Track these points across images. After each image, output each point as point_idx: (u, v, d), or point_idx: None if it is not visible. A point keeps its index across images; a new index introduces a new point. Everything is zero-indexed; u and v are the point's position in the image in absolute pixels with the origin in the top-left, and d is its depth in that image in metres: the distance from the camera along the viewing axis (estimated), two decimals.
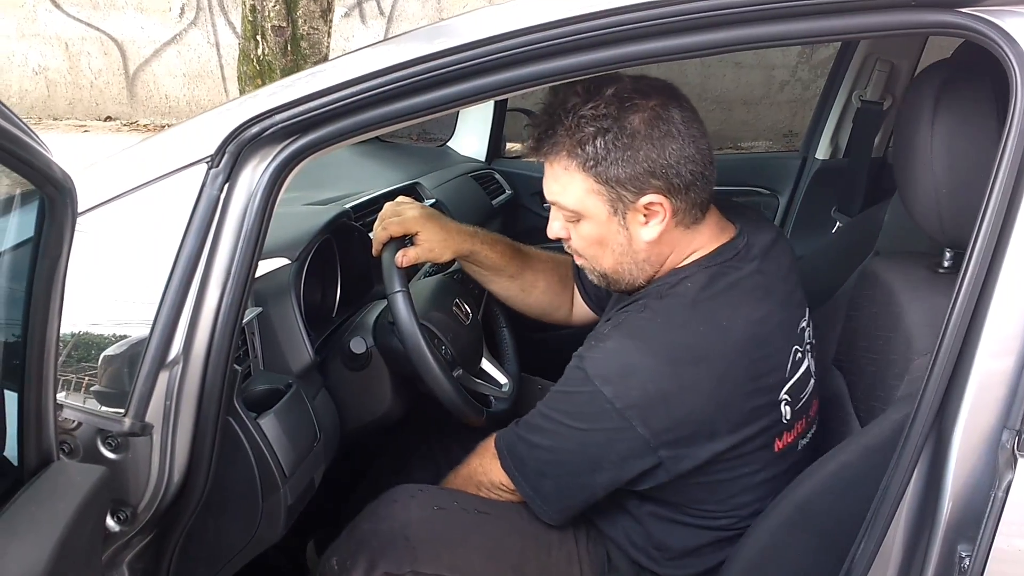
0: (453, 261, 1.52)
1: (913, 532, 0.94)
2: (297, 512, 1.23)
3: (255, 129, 1.01)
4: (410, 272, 1.41)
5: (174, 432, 1.05)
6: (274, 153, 1.03)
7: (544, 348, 2.07)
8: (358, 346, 1.30)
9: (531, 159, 1.18)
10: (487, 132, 2.45)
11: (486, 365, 1.47)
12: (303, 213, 1.43)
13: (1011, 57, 0.87)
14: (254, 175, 1.03)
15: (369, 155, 2.24)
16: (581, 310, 1.52)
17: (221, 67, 5.93)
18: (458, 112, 2.50)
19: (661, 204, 1.11)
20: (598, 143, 1.09)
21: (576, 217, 1.15)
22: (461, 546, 1.26)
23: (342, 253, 1.49)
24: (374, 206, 1.70)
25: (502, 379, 1.47)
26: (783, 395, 1.14)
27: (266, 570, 1.62)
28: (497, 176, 2.40)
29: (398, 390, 1.38)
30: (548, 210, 2.46)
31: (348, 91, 1.01)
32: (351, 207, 1.56)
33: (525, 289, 1.51)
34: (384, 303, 1.39)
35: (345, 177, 1.91)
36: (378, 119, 1.03)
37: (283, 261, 1.29)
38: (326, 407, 1.31)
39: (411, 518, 1.27)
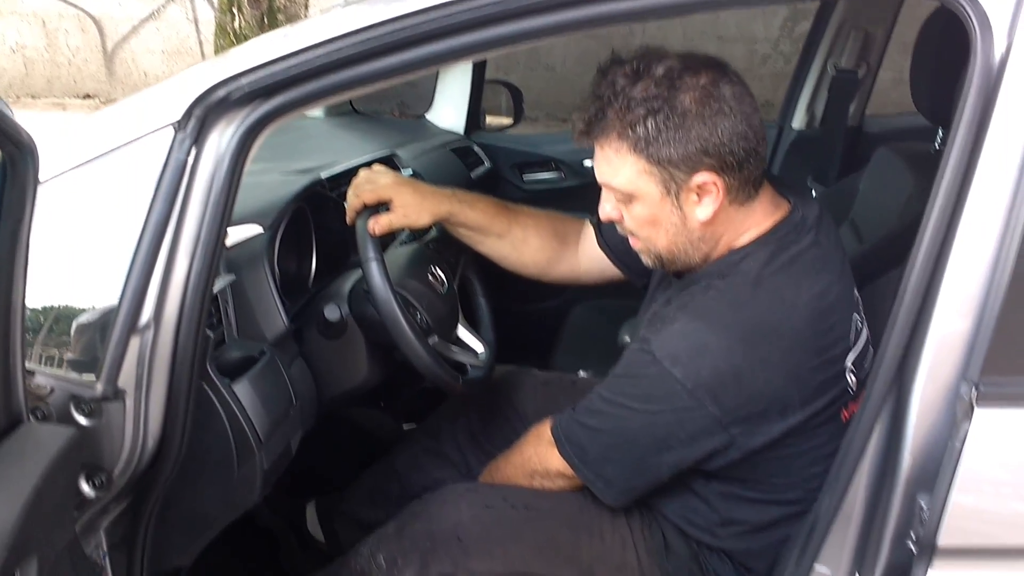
0: (429, 229, 1.53)
1: (875, 486, 0.97)
2: (274, 477, 1.24)
3: (222, 92, 1.00)
4: (385, 241, 1.41)
5: (147, 397, 1.05)
6: (241, 117, 1.02)
7: (524, 322, 2.09)
8: (332, 313, 1.30)
9: (581, 144, 1.16)
10: (465, 104, 2.44)
11: (462, 333, 1.48)
12: (277, 182, 1.43)
13: (971, 15, 0.88)
14: (221, 139, 1.02)
15: (346, 127, 2.23)
16: (593, 266, 1.51)
17: (200, 43, 5.86)
18: (436, 84, 2.49)
19: (715, 183, 1.09)
20: (649, 124, 1.07)
21: (628, 199, 1.14)
22: (513, 542, 1.27)
23: (317, 223, 1.48)
24: (349, 176, 1.70)
25: (478, 347, 1.48)
26: (848, 364, 1.14)
27: (259, 532, 1.64)
28: (476, 148, 2.39)
29: (374, 359, 1.39)
30: (528, 182, 2.49)
31: (313, 54, 1.01)
32: (326, 177, 1.55)
33: (516, 247, 1.49)
34: (360, 272, 1.39)
35: (321, 148, 1.91)
36: (344, 82, 1.03)
37: (256, 229, 1.29)
38: (302, 375, 1.32)
39: (462, 518, 1.29)
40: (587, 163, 2.43)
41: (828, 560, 1.02)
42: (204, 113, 1.01)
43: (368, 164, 1.72)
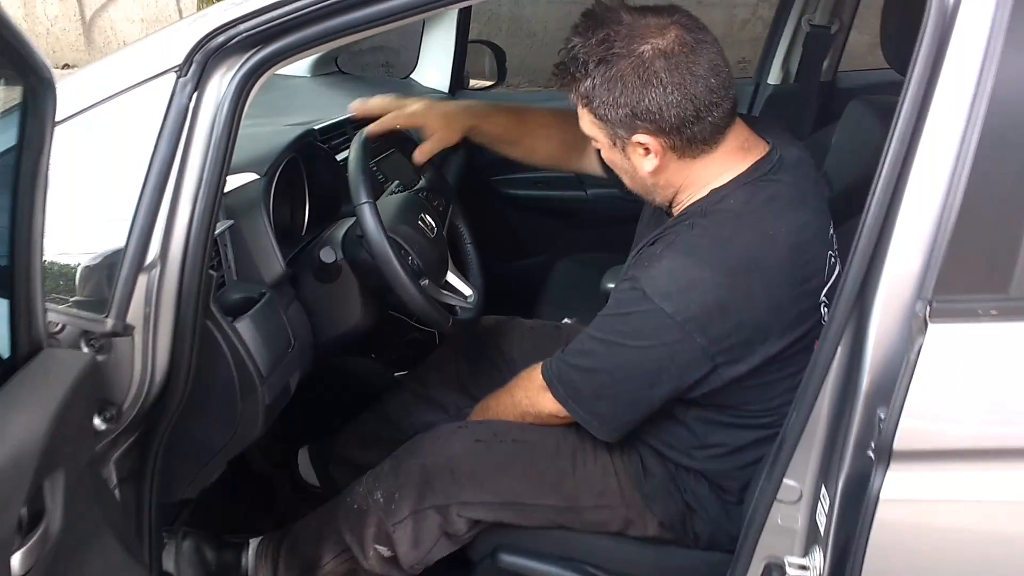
0: (419, 179, 1.60)
1: (838, 402, 1.04)
2: (275, 413, 1.30)
3: (221, 38, 1.05)
4: (377, 190, 1.46)
5: (155, 333, 1.11)
6: (240, 62, 1.07)
7: (509, 278, 2.16)
8: (328, 255, 1.36)
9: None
10: (449, 64, 2.48)
11: (451, 278, 1.54)
12: (270, 132, 1.48)
13: None
14: (221, 84, 1.07)
15: (333, 86, 2.27)
16: (597, 168, 1.57)
17: (179, 11, 5.81)
18: (420, 45, 2.53)
19: (652, 142, 1.16)
20: (588, 84, 1.14)
21: (593, 141, 1.24)
22: (502, 473, 1.35)
23: (309, 174, 1.54)
24: (339, 130, 1.75)
25: (467, 291, 1.54)
26: (822, 297, 1.21)
27: (254, 479, 1.70)
28: None
29: (367, 303, 1.45)
30: None
31: (309, 0, 1.06)
32: (318, 128, 1.60)
33: (531, 150, 1.61)
34: (352, 220, 1.45)
35: (310, 106, 1.95)
36: (339, 28, 1.08)
37: (252, 176, 1.34)
38: (299, 317, 1.38)
39: (454, 453, 1.36)
40: None
41: (795, 474, 1.09)
42: (204, 59, 1.06)
43: (356, 120, 1.77)
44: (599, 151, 1.40)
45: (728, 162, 1.21)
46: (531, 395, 1.37)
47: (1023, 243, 0.93)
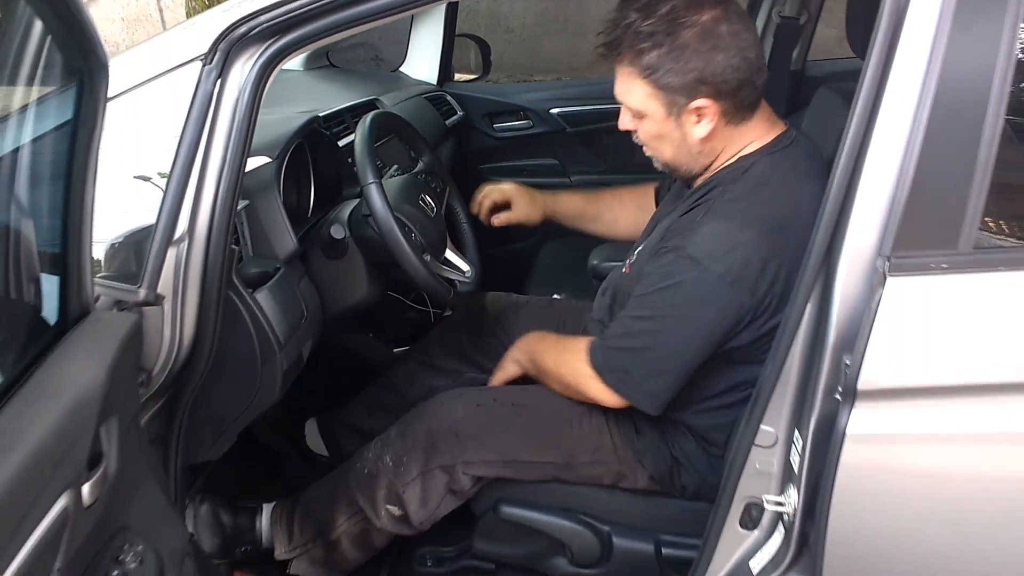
0: (417, 163, 1.71)
1: (809, 351, 1.15)
2: (291, 379, 1.39)
3: (243, 29, 1.14)
4: (380, 171, 1.55)
5: (183, 303, 1.20)
6: (260, 51, 1.17)
7: (499, 261, 2.26)
8: (338, 232, 1.45)
9: (601, 64, 1.32)
10: (438, 56, 2.58)
11: (450, 255, 1.64)
12: (278, 119, 1.57)
13: None
14: (243, 71, 1.17)
15: (326, 79, 2.35)
16: None
17: (160, 10, 5.84)
18: (409, 38, 2.62)
19: (710, 107, 1.26)
20: (654, 55, 1.23)
21: (639, 115, 1.32)
22: (503, 434, 1.44)
23: (314, 158, 1.63)
24: (339, 118, 1.85)
25: (464, 267, 1.64)
26: None
27: (261, 450, 1.79)
28: (449, 98, 2.53)
29: (373, 278, 1.54)
30: (498, 130, 2.65)
31: None
32: (322, 116, 1.69)
33: (610, 225, 1.76)
34: (355, 201, 1.54)
35: (305, 96, 2.04)
36: (350, 19, 1.18)
37: (265, 159, 1.43)
38: (310, 291, 1.47)
39: (457, 417, 1.46)
40: (553, 111, 2.59)
41: (771, 420, 1.20)
42: (228, 48, 1.15)
43: (355, 107, 1.87)
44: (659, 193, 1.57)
45: (759, 131, 1.33)
46: (579, 380, 1.39)
47: (969, 204, 1.04)
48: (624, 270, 1.47)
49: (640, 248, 1.45)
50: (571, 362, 1.40)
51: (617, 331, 1.35)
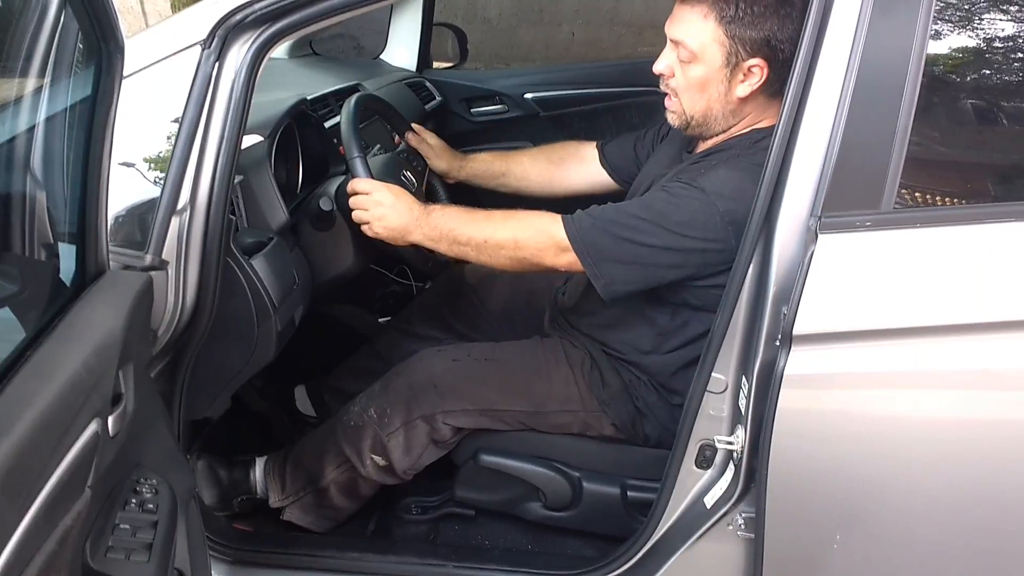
0: (400, 143, 1.83)
1: (753, 303, 1.28)
2: (284, 340, 1.50)
3: (239, 16, 1.26)
4: (364, 148, 1.67)
5: (185, 268, 1.31)
6: (255, 36, 1.28)
7: None
8: (326, 204, 1.57)
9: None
10: (416, 44, 2.69)
11: None
12: (269, 102, 1.67)
13: None
14: (239, 55, 1.28)
15: (309, 66, 2.45)
16: (590, 180, 1.81)
17: (141, 2, 5.89)
18: (389, 27, 2.73)
19: (762, 68, 1.36)
20: (740, 4, 1.33)
21: (692, 58, 1.38)
22: (478, 385, 1.56)
23: (302, 138, 1.74)
24: (324, 101, 1.96)
25: None
26: None
27: (253, 416, 1.91)
28: (428, 84, 2.64)
29: (358, 249, 1.65)
30: (475, 115, 2.76)
31: None
32: (309, 99, 1.81)
33: (520, 179, 1.84)
34: (342, 177, 1.66)
35: (290, 83, 2.13)
36: (337, 7, 1.29)
37: (258, 138, 1.54)
38: (300, 261, 1.59)
39: (435, 371, 1.57)
40: (528, 96, 2.71)
41: (721, 368, 1.34)
42: (225, 33, 1.26)
43: (339, 91, 1.99)
44: (604, 150, 1.67)
45: (773, 111, 1.41)
46: (541, 249, 1.42)
47: (889, 169, 1.17)
48: None
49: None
50: (536, 225, 1.43)
51: (607, 215, 1.40)
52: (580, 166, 1.82)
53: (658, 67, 1.45)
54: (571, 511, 1.63)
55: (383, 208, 1.49)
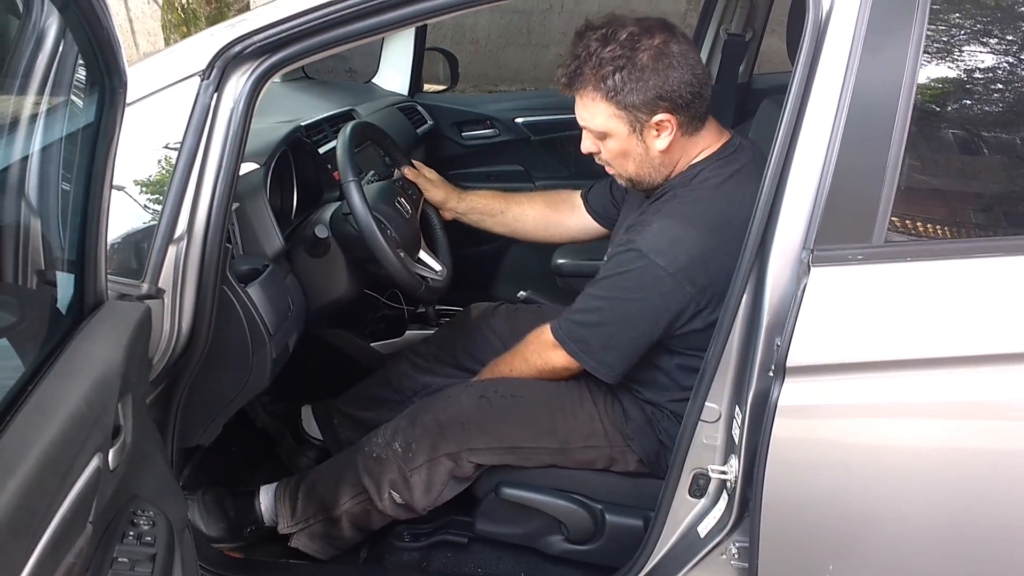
0: (393, 171, 1.84)
1: (746, 334, 1.29)
2: (279, 366, 1.51)
3: (238, 48, 1.27)
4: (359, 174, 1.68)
5: (181, 296, 1.31)
6: (253, 67, 1.29)
7: (468, 262, 2.39)
8: (321, 231, 1.57)
9: (565, 94, 1.45)
10: (408, 68, 2.71)
11: (424, 256, 1.76)
12: (264, 129, 1.68)
13: None
14: (237, 85, 1.29)
15: (302, 90, 2.47)
16: (582, 226, 1.85)
17: (130, 20, 5.89)
18: (381, 52, 2.75)
19: (669, 120, 1.40)
20: (616, 78, 1.37)
21: (603, 136, 1.44)
22: (504, 423, 1.57)
23: (297, 164, 1.75)
24: (319, 127, 1.97)
25: (437, 267, 1.77)
26: None
27: (256, 434, 1.90)
28: (419, 108, 2.66)
29: (353, 274, 1.66)
30: (466, 139, 2.78)
31: (308, 17, 1.28)
32: (304, 125, 1.82)
33: (517, 220, 1.86)
34: (336, 203, 1.66)
35: (285, 107, 2.15)
36: (333, 40, 1.31)
37: (253, 165, 1.55)
38: (295, 287, 1.59)
39: (463, 407, 1.58)
40: (518, 120, 2.73)
41: (715, 398, 1.35)
42: (224, 64, 1.27)
43: (333, 117, 2.00)
44: (588, 198, 1.74)
45: (708, 140, 1.47)
46: (543, 354, 1.57)
47: (881, 204, 1.19)
48: None
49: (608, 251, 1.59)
50: (534, 341, 1.57)
51: (579, 307, 1.51)
52: (573, 213, 1.86)
53: (584, 148, 1.51)
54: (593, 544, 1.62)
55: None
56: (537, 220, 1.86)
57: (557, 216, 1.86)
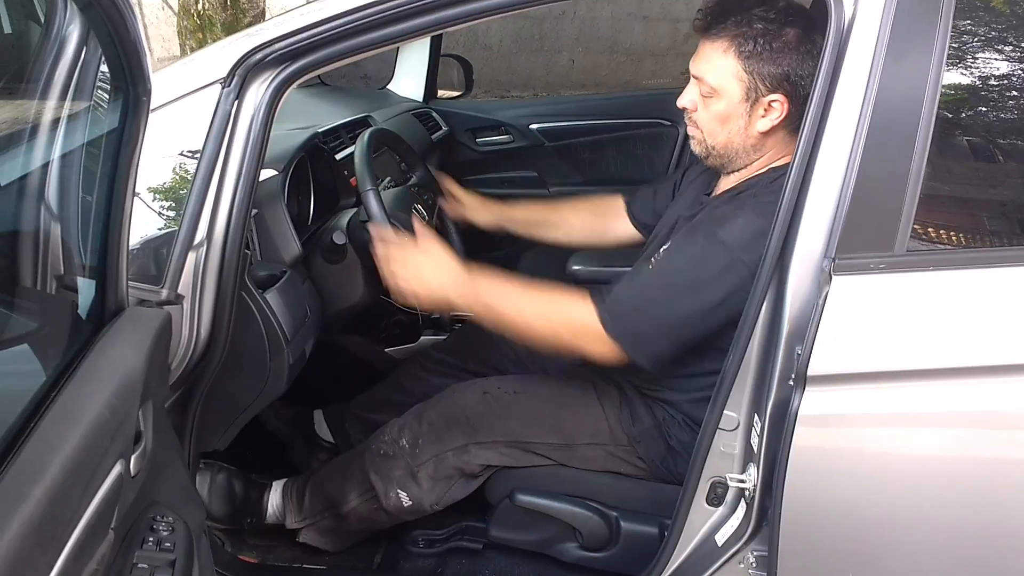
0: (411, 177, 1.84)
1: (766, 342, 1.29)
2: (296, 372, 1.51)
3: (258, 56, 1.27)
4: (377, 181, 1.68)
5: (200, 302, 1.31)
6: (273, 75, 1.30)
7: (491, 265, 2.39)
8: (339, 238, 1.58)
9: (696, 34, 1.41)
10: (423, 74, 2.71)
11: None
12: (282, 135, 1.69)
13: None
14: (258, 93, 1.30)
15: (319, 97, 2.48)
16: (632, 233, 1.83)
17: (144, 26, 5.93)
18: (396, 59, 2.76)
19: (783, 104, 1.37)
20: (759, 41, 1.34)
21: (713, 93, 1.39)
22: (508, 417, 1.57)
23: (314, 171, 1.75)
24: (335, 134, 1.98)
25: None
26: None
27: (268, 435, 1.91)
28: (434, 114, 2.67)
29: (369, 281, 1.66)
30: (481, 145, 2.78)
31: (329, 25, 1.29)
32: (321, 131, 1.82)
33: (569, 230, 1.86)
34: (353, 210, 1.67)
35: (299, 114, 2.15)
36: (352, 48, 1.31)
37: (272, 172, 1.55)
38: (312, 293, 1.59)
39: (468, 403, 1.59)
40: (533, 126, 2.73)
41: (734, 406, 1.34)
42: (244, 72, 1.28)
43: (350, 123, 2.00)
44: (631, 206, 1.71)
45: (791, 147, 1.40)
46: (585, 343, 1.41)
47: (903, 212, 1.19)
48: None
49: (662, 247, 1.50)
50: (573, 317, 1.42)
51: (634, 299, 1.40)
52: (619, 219, 1.84)
53: (682, 101, 1.46)
54: (608, 551, 1.62)
55: (427, 265, 1.48)
56: (583, 227, 1.86)
57: (603, 223, 1.84)
